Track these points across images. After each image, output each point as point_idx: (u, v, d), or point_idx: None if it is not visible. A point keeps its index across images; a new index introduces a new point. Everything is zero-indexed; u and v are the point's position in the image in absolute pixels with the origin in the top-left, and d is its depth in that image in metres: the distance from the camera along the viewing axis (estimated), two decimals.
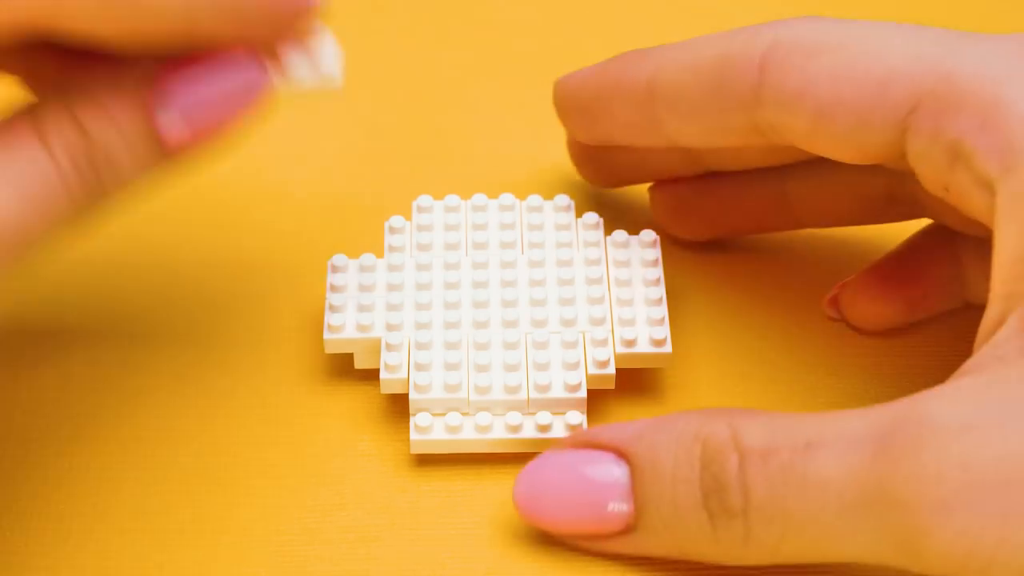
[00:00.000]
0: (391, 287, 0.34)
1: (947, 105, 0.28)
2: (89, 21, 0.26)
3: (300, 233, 0.38)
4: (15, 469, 0.33)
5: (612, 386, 0.33)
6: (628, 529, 0.30)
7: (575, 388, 0.33)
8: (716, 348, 0.35)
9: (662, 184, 0.38)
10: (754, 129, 0.32)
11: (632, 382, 0.34)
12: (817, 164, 0.34)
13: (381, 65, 0.44)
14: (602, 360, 0.33)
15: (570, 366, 0.33)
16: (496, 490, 0.32)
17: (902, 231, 0.36)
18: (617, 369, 0.33)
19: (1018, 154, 0.27)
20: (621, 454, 0.30)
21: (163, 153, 0.29)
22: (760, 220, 0.37)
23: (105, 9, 0.26)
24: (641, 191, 0.38)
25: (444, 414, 0.33)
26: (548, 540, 0.31)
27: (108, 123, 0.28)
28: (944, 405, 0.26)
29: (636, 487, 0.29)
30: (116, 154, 0.28)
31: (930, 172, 0.29)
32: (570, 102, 0.36)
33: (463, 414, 0.33)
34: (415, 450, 0.33)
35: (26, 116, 0.28)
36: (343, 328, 0.34)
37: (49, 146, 0.28)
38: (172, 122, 0.29)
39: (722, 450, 0.28)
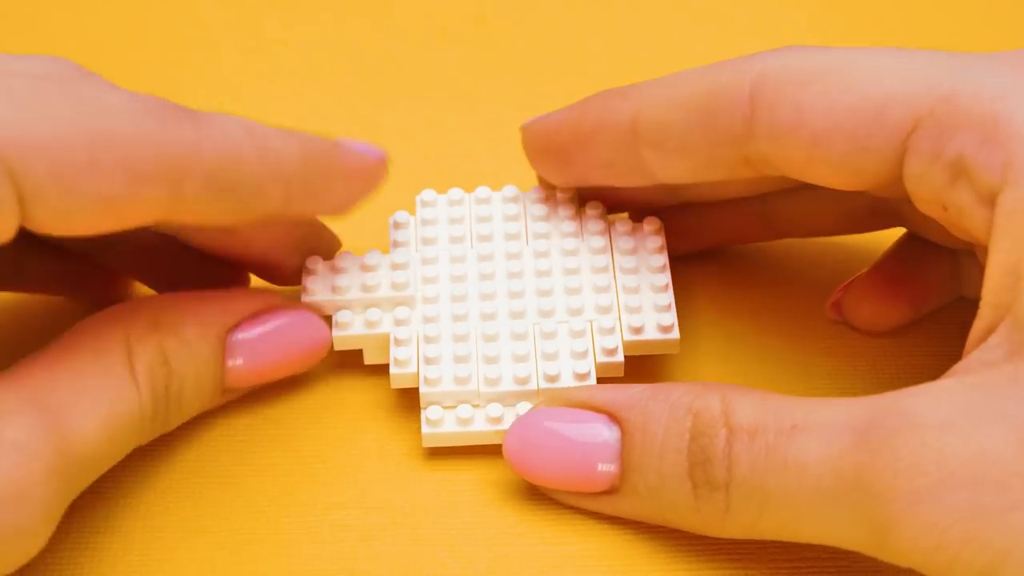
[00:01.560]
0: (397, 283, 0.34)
1: (947, 124, 0.28)
2: (203, 214, 0.28)
3: None
4: None
5: (621, 374, 0.33)
6: (613, 490, 0.31)
7: (584, 377, 0.33)
8: (720, 345, 0.36)
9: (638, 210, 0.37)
10: (744, 162, 0.31)
11: (641, 369, 0.34)
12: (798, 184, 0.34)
13: (381, 64, 0.44)
14: (610, 348, 0.33)
15: (578, 355, 0.33)
16: (496, 489, 0.33)
17: (899, 228, 0.36)
18: (625, 356, 0.33)
19: (1017, 170, 0.27)
20: (614, 418, 0.30)
21: (223, 392, 0.32)
22: (742, 235, 0.37)
23: (217, 201, 0.28)
24: None
25: (455, 407, 0.33)
26: (549, 539, 0.31)
27: (190, 362, 0.30)
28: (926, 402, 0.26)
29: (625, 452, 0.30)
30: (187, 391, 0.31)
31: (928, 192, 0.29)
32: (543, 145, 0.35)
33: (474, 406, 0.33)
34: (427, 444, 0.33)
35: (121, 342, 0.29)
36: (351, 325, 0.34)
37: (136, 379, 0.29)
38: (239, 369, 0.32)
39: (712, 424, 0.29)
